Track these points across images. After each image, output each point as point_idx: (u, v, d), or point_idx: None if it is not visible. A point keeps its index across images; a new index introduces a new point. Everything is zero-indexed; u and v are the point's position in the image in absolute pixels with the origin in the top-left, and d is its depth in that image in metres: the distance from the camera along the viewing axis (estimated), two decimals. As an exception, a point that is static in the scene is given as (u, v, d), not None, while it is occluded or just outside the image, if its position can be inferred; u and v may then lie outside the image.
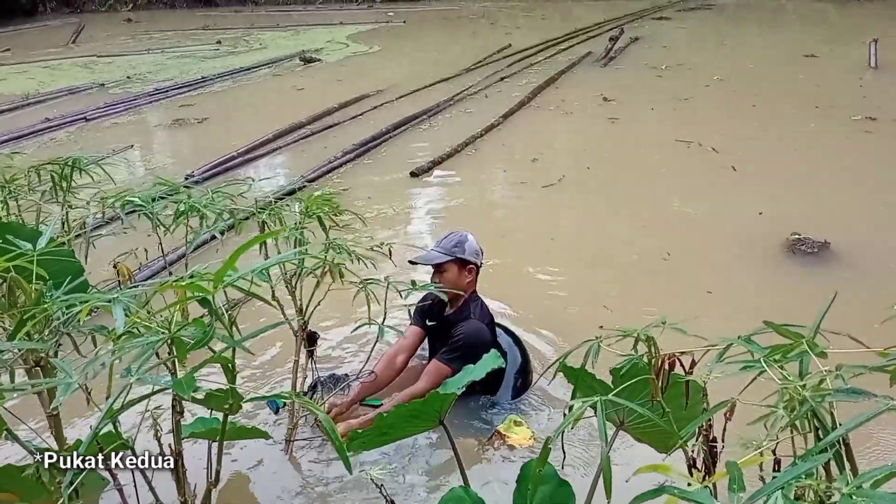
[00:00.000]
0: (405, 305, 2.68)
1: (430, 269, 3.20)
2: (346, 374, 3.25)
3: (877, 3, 18.29)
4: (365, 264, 2.52)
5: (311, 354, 2.85)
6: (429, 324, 3.28)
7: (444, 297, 3.04)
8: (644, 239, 4.95)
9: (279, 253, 2.55)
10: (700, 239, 4.98)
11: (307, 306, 2.67)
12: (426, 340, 3.34)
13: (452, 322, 3.16)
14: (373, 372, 3.10)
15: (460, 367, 2.79)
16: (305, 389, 3.00)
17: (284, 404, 2.94)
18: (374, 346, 2.66)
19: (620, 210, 5.60)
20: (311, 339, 2.85)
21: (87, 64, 14.66)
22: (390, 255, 2.62)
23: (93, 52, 16.25)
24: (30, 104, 10.74)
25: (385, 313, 2.42)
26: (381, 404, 3.15)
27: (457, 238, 3.18)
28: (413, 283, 2.54)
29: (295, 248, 2.41)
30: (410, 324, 3.35)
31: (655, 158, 6.86)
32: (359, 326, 2.54)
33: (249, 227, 2.72)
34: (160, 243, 2.85)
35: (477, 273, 3.23)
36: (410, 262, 3.22)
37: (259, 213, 2.63)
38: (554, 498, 1.90)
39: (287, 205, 2.76)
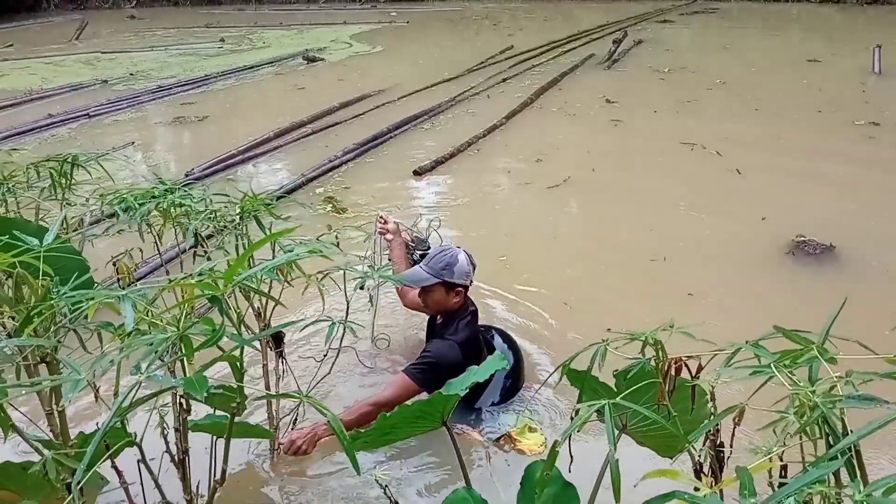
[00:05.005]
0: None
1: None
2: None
3: (881, 9, 18.31)
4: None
5: (280, 355, 2.74)
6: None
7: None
8: (649, 241, 4.94)
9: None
10: (705, 242, 4.97)
11: (266, 306, 2.50)
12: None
13: (437, 332, 3.15)
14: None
15: (426, 384, 2.84)
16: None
17: None
18: (338, 349, 2.50)
19: (626, 212, 5.60)
20: (276, 340, 2.72)
21: (89, 60, 14.66)
22: (338, 244, 2.44)
23: (96, 48, 16.26)
24: (32, 100, 10.74)
25: (348, 306, 2.29)
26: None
27: (447, 259, 3.05)
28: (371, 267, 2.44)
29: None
30: None
31: (659, 161, 6.85)
32: (309, 323, 2.25)
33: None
34: (156, 242, 2.83)
35: (466, 291, 3.13)
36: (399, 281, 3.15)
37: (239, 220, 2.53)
38: (559, 500, 1.90)
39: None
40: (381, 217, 3.50)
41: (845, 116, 8.01)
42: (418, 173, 6.65)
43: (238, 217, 2.52)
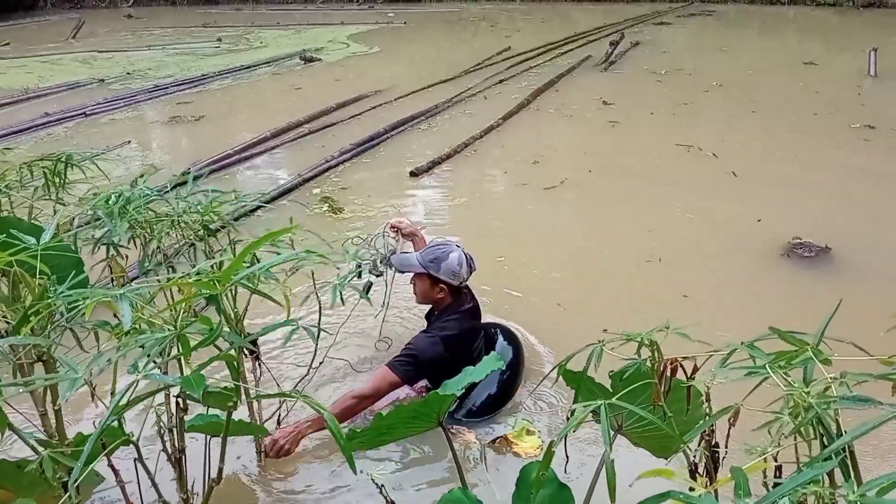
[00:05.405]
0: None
1: None
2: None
3: (877, 12, 18.37)
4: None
5: (257, 358, 2.70)
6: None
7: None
8: (646, 242, 4.95)
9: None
10: (702, 243, 4.98)
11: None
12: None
13: (429, 324, 3.17)
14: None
15: (407, 377, 2.87)
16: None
17: None
18: (315, 356, 2.42)
19: (623, 214, 5.61)
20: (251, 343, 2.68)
21: (86, 59, 14.63)
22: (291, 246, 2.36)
23: (93, 47, 16.22)
24: (29, 98, 10.71)
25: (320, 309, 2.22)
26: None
27: (437, 253, 3.07)
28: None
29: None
30: None
31: (656, 163, 6.86)
32: (281, 325, 2.05)
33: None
34: (143, 245, 2.78)
35: (455, 290, 3.13)
36: (390, 264, 3.18)
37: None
38: (554, 501, 1.90)
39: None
40: (393, 226, 3.37)
41: (841, 119, 8.03)
42: (415, 174, 6.65)
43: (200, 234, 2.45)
